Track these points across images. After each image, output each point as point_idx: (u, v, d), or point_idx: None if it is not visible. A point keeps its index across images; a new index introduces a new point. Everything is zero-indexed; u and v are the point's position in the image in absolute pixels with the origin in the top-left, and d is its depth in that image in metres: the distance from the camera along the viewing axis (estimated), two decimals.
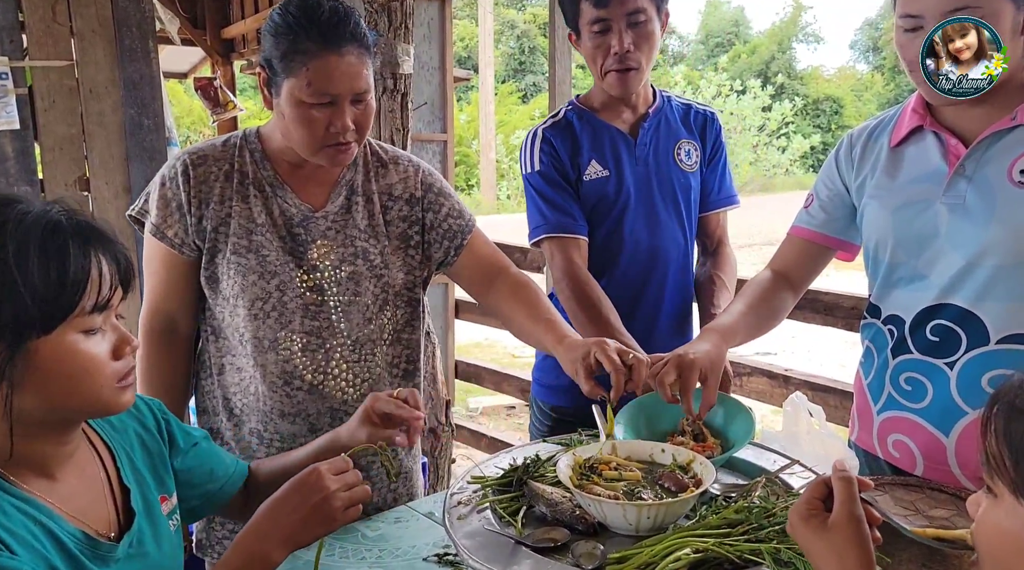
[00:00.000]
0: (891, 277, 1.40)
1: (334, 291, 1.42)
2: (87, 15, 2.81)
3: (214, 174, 1.40)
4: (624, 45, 1.62)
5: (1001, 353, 1.27)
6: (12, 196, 0.86)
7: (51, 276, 0.81)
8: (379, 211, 1.47)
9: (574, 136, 1.75)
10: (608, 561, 1.06)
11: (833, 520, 0.86)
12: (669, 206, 1.77)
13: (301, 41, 1.28)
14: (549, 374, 1.85)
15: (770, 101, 19.87)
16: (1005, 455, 0.70)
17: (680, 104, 1.85)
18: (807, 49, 43.72)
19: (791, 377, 2.35)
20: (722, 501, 1.21)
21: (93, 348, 0.86)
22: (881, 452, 1.44)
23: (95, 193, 2.89)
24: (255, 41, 4.42)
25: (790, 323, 2.47)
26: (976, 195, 1.28)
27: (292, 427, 1.43)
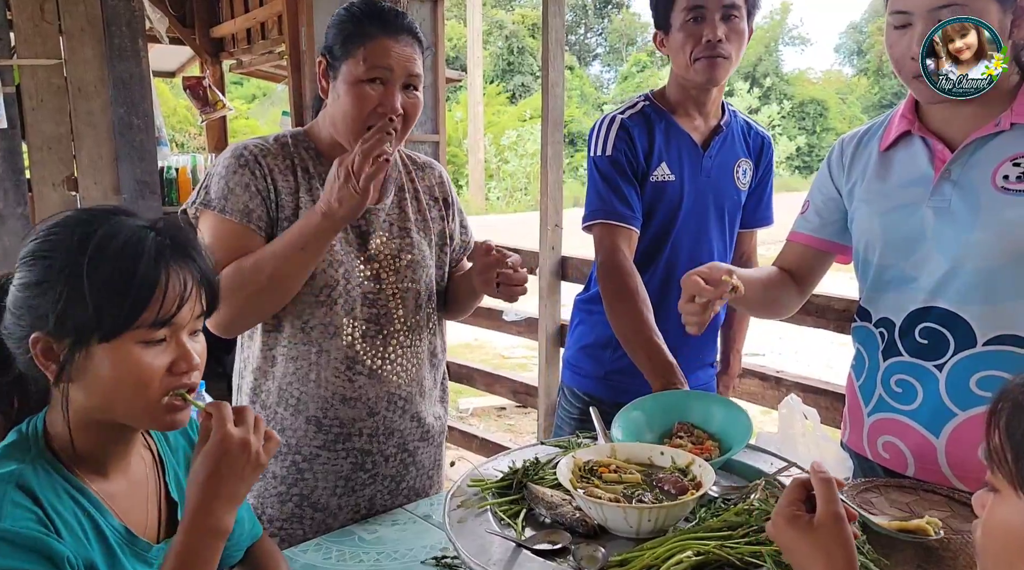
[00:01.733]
0: (880, 280, 1.42)
1: (392, 280, 1.50)
2: (76, 13, 2.78)
3: (279, 167, 1.44)
4: (718, 34, 1.65)
5: (988, 355, 1.29)
6: (121, 208, 0.93)
7: (116, 288, 0.86)
8: (425, 209, 1.58)
9: (651, 132, 1.76)
10: (610, 564, 1.06)
11: (818, 520, 0.88)
12: (718, 220, 1.82)
13: (363, 26, 1.39)
14: (585, 363, 1.89)
15: (758, 103, 19.97)
16: (1007, 450, 0.71)
17: (743, 122, 1.89)
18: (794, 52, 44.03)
19: (783, 379, 2.35)
20: (721, 503, 1.21)
21: (148, 359, 0.89)
22: (871, 454, 1.45)
23: (83, 193, 2.87)
24: (244, 40, 4.39)
25: (779, 324, 2.49)
26: (961, 199, 1.30)
27: (352, 412, 1.48)
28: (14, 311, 0.89)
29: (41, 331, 0.87)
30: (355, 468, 1.50)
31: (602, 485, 1.21)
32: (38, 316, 0.87)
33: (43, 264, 0.87)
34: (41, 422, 0.92)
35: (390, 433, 1.51)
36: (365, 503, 1.52)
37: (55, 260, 0.87)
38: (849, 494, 1.27)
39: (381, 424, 1.50)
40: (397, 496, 1.56)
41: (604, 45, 33.67)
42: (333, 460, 1.48)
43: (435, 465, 1.63)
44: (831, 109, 25.66)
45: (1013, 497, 0.70)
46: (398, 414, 1.52)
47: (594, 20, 31.45)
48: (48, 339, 0.87)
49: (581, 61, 27.84)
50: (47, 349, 0.87)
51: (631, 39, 33.39)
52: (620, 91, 27.15)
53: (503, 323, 3.24)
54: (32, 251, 0.89)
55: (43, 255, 0.88)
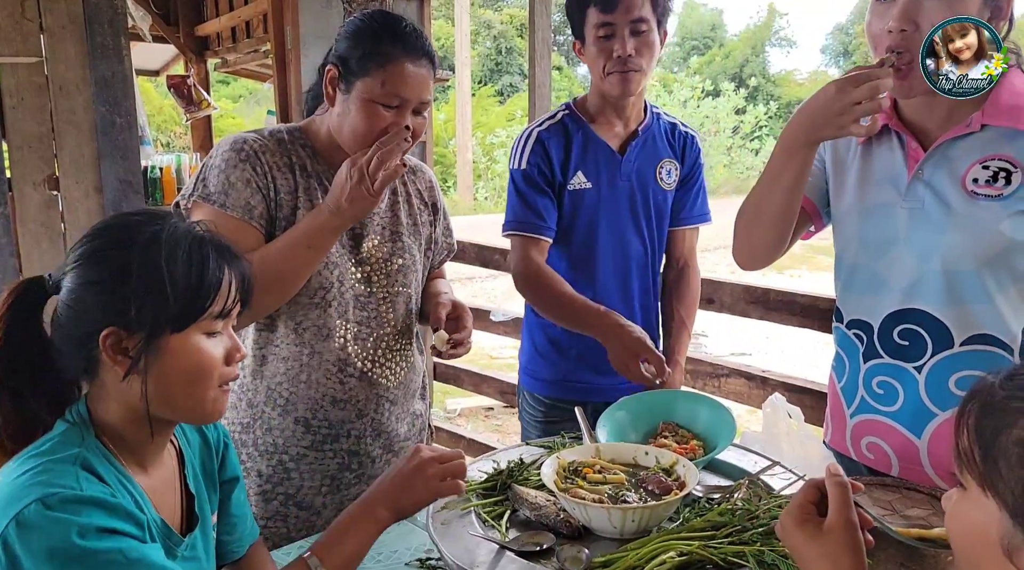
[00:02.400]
0: (851, 280, 1.41)
1: (383, 283, 1.50)
2: (57, 11, 2.75)
3: (277, 165, 1.42)
4: (627, 49, 1.69)
5: (966, 355, 1.29)
6: (162, 211, 0.99)
7: (192, 280, 0.92)
8: (416, 213, 1.59)
9: (567, 142, 1.82)
10: (593, 565, 1.06)
11: (828, 525, 0.86)
12: (643, 222, 1.86)
13: (383, 44, 1.36)
14: (540, 368, 1.93)
15: (744, 104, 20.08)
16: (975, 449, 0.71)
17: (667, 122, 1.92)
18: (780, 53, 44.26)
19: (768, 378, 2.37)
20: (705, 503, 1.21)
21: (212, 349, 0.95)
22: (855, 454, 1.45)
23: (64, 192, 2.83)
24: (229, 39, 4.35)
25: (765, 324, 2.50)
26: (934, 200, 1.29)
27: (341, 413, 1.48)
28: (76, 308, 0.92)
29: (113, 325, 0.90)
30: (341, 468, 1.50)
31: (586, 486, 1.21)
32: (112, 311, 0.90)
33: (114, 260, 0.91)
34: (86, 412, 0.95)
35: (378, 434, 1.52)
36: (350, 502, 1.51)
37: (128, 256, 0.91)
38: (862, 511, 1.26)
39: (369, 426, 1.50)
40: None
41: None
42: (320, 460, 1.48)
43: None
44: None
45: (981, 496, 0.70)
46: (386, 415, 1.52)
47: None
48: (120, 333, 0.91)
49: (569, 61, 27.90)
50: (116, 344, 0.91)
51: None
52: None
53: (490, 323, 3.24)
54: (95, 250, 0.93)
55: (112, 252, 0.92)
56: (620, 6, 1.67)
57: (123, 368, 0.91)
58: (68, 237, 2.86)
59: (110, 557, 0.82)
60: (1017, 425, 0.68)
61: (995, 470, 0.69)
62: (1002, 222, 1.23)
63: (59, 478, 0.85)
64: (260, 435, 1.47)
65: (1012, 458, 0.67)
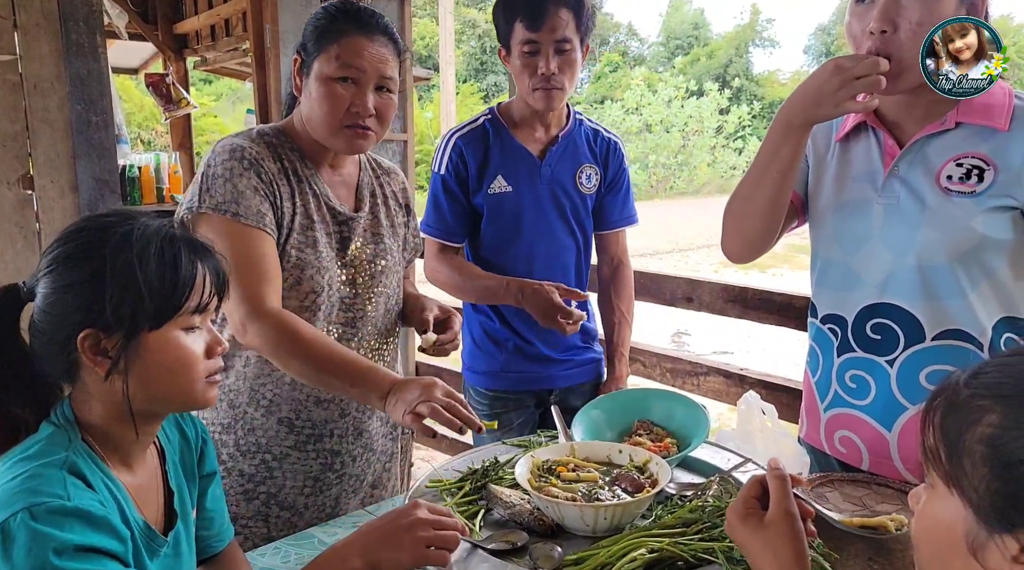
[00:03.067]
0: (826, 275, 1.43)
1: (367, 284, 1.50)
2: (31, 8, 2.72)
3: (274, 171, 1.41)
4: (551, 68, 1.76)
5: (937, 349, 1.31)
6: (132, 211, 1.00)
7: (165, 277, 0.93)
8: (393, 213, 1.60)
9: (487, 148, 1.89)
10: (565, 562, 1.06)
11: (769, 517, 0.89)
12: (565, 224, 1.92)
13: (337, 23, 1.37)
14: (479, 361, 2.00)
15: (728, 104, 20.19)
16: (940, 448, 0.72)
17: (590, 129, 1.99)
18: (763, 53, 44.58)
19: (746, 376, 2.38)
20: (678, 500, 1.22)
21: (191, 344, 0.96)
22: (828, 448, 1.47)
23: (39, 192, 2.80)
24: (209, 37, 4.32)
25: (745, 323, 2.51)
26: (909, 197, 1.31)
27: (325, 413, 1.48)
28: (53, 313, 0.92)
29: (91, 327, 0.91)
30: (324, 468, 1.50)
31: (560, 484, 1.21)
32: (88, 312, 0.91)
33: (87, 263, 0.92)
34: (71, 413, 0.95)
35: (359, 433, 1.53)
36: (331, 502, 1.53)
37: (101, 257, 0.91)
38: (804, 489, 1.28)
39: (351, 424, 1.51)
40: (359, 493, 1.58)
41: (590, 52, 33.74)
42: (303, 460, 1.48)
43: (391, 457, 1.66)
44: None
45: (946, 494, 0.71)
46: (367, 414, 1.53)
47: None
48: (98, 334, 0.91)
49: None
50: (95, 345, 0.92)
51: (603, 39, 33.51)
52: (593, 90, 27.25)
53: None
54: (68, 254, 0.93)
55: (85, 255, 0.92)
56: (545, 26, 1.73)
57: (103, 369, 0.92)
58: (43, 237, 2.83)
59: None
60: (981, 423, 0.68)
61: (960, 468, 0.69)
62: (975, 218, 1.25)
63: (47, 485, 0.85)
64: (242, 435, 1.46)
65: (976, 456, 0.68)
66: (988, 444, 0.67)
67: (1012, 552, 0.66)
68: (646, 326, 6.54)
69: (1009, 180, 1.24)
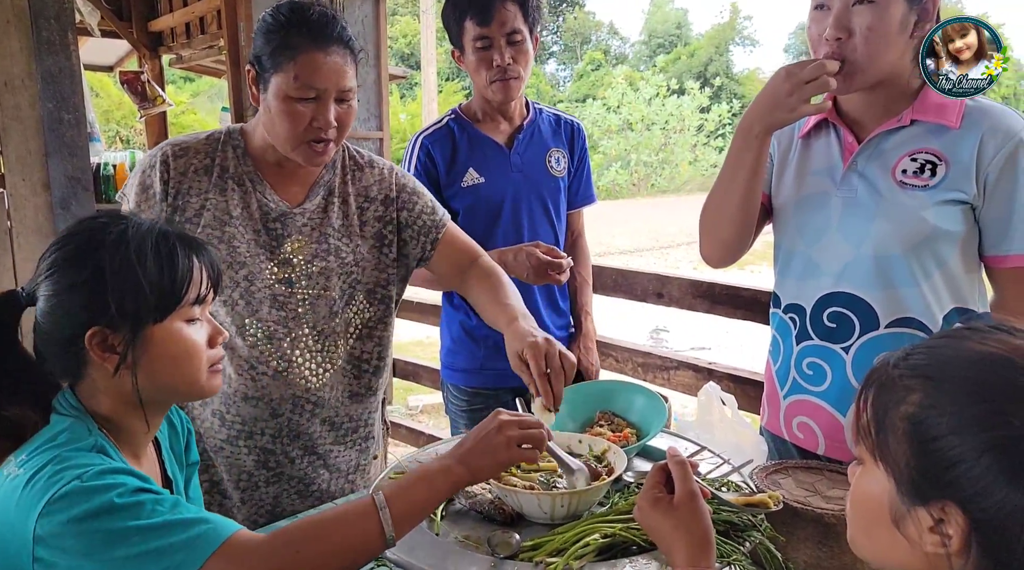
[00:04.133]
0: (788, 266, 1.48)
1: (303, 284, 1.47)
2: (1, 5, 2.71)
3: (193, 166, 1.44)
4: (505, 59, 1.83)
5: (890, 336, 1.36)
6: (122, 213, 1.06)
7: (164, 272, 0.98)
8: (355, 212, 1.54)
9: (454, 145, 1.94)
10: (523, 549, 1.09)
11: (677, 499, 0.95)
12: (540, 208, 1.98)
13: (291, 37, 1.35)
14: (459, 358, 2.03)
15: (708, 102, 20.33)
16: (871, 424, 0.76)
17: (550, 115, 2.06)
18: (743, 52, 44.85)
19: (714, 370, 2.42)
20: (635, 488, 1.25)
21: (194, 335, 1.01)
22: (788, 434, 1.52)
23: (11, 190, 2.79)
24: (184, 35, 4.30)
25: (718, 318, 2.55)
26: (866, 189, 1.37)
27: (254, 411, 1.47)
28: (58, 314, 0.96)
29: (97, 325, 0.95)
30: (257, 465, 1.49)
31: (519, 474, 1.24)
32: (93, 311, 0.95)
33: (87, 263, 0.96)
34: (78, 404, 0.98)
35: (295, 435, 1.49)
36: (269, 501, 1.51)
37: (99, 257, 0.95)
38: (760, 475, 1.32)
39: (285, 425, 1.48)
40: (307, 498, 1.54)
41: (559, 43, 33.84)
42: (236, 455, 1.48)
43: (356, 468, 1.59)
44: None
45: (874, 468, 0.75)
46: (306, 417, 1.49)
47: (549, 19, 31.57)
48: (104, 331, 0.95)
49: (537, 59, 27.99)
50: (102, 341, 0.96)
51: (585, 37, 33.62)
52: (576, 88, 27.32)
53: None
54: (67, 256, 0.97)
55: (83, 256, 0.96)
56: (495, 20, 1.79)
57: (112, 364, 0.96)
58: (15, 235, 2.82)
59: (152, 506, 0.88)
60: (906, 401, 0.72)
61: (885, 443, 0.73)
62: (927, 210, 1.31)
63: (85, 459, 0.91)
64: None
65: (899, 432, 0.72)
66: (909, 421, 0.71)
67: (927, 524, 0.70)
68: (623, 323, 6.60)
69: (959, 175, 1.29)
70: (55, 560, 0.84)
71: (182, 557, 0.85)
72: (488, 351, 1.97)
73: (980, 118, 1.30)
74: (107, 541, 0.84)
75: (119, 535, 0.85)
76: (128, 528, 0.85)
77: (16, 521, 0.87)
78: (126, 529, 0.85)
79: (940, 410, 0.70)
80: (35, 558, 0.85)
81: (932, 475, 0.69)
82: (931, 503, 0.70)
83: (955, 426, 0.68)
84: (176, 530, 0.87)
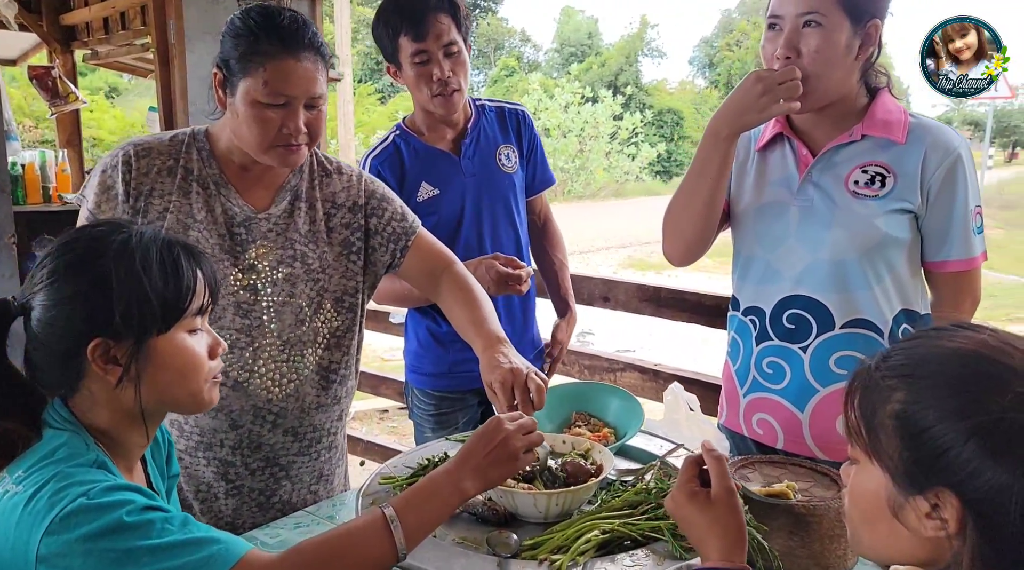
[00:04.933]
0: (747, 271, 1.58)
1: (268, 292, 1.43)
2: None
3: (156, 167, 1.41)
4: (445, 72, 1.82)
5: (845, 336, 1.47)
6: (122, 220, 1.05)
7: (169, 282, 0.96)
8: (321, 218, 1.51)
9: (402, 163, 1.93)
10: (523, 547, 1.12)
11: (715, 495, 0.98)
12: (500, 208, 1.98)
13: (261, 43, 1.32)
14: (425, 363, 2.02)
15: (621, 110, 20.89)
16: (860, 425, 0.82)
17: (493, 109, 2.04)
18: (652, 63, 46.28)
19: (660, 371, 2.52)
20: (619, 485, 1.30)
21: (196, 346, 1.00)
22: (747, 431, 1.61)
23: None
24: (101, 30, 4.10)
25: (649, 320, 2.65)
26: (821, 199, 1.48)
27: (213, 422, 1.43)
28: (57, 324, 0.94)
29: (100, 336, 0.93)
30: (217, 477, 1.46)
31: None
32: (95, 321, 0.93)
33: (89, 272, 0.93)
34: (70, 417, 0.96)
35: (256, 447, 1.46)
36: (229, 513, 1.48)
37: (103, 266, 0.93)
38: (728, 471, 1.40)
39: (246, 437, 1.44)
40: (268, 510, 1.50)
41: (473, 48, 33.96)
42: (194, 466, 1.45)
43: (318, 478, 1.56)
44: (687, 118, 27.26)
45: (869, 465, 0.82)
46: (267, 428, 1.45)
47: None
48: (107, 343, 0.93)
49: None
50: (105, 353, 0.94)
51: (499, 44, 33.88)
52: (490, 93, 27.45)
53: (389, 325, 3.24)
54: (67, 265, 0.94)
55: (85, 265, 0.94)
56: (431, 34, 1.79)
57: (114, 376, 0.94)
58: None
59: (162, 525, 0.87)
60: (891, 400, 0.79)
61: (877, 441, 0.80)
62: (878, 218, 1.42)
63: (88, 475, 0.88)
64: None
65: (889, 429, 0.79)
66: (897, 418, 0.78)
67: (924, 510, 0.77)
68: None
69: (906, 186, 1.42)
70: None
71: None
72: (456, 354, 1.97)
73: (923, 134, 1.42)
74: (117, 561, 0.83)
75: (129, 555, 0.83)
76: (139, 548, 0.84)
77: (17, 540, 0.84)
78: (137, 549, 0.83)
79: (924, 404, 0.76)
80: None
81: (924, 464, 0.76)
82: (926, 491, 0.76)
83: (940, 417, 0.75)
84: (188, 550, 0.86)
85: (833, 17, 1.37)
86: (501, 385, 1.28)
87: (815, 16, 1.38)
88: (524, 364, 1.32)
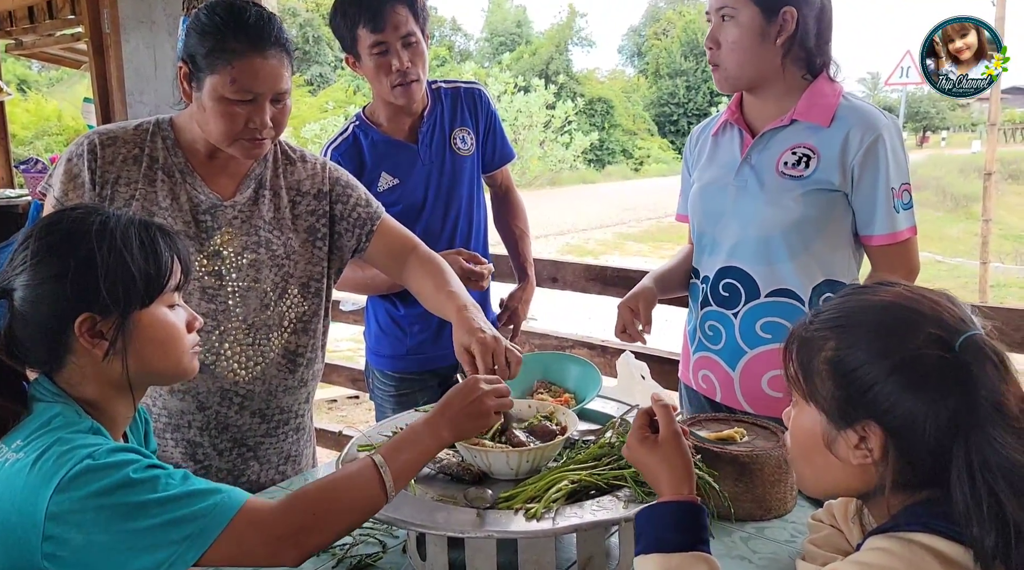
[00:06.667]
0: (700, 243, 1.74)
1: (233, 277, 1.47)
2: None
3: (122, 156, 1.44)
4: (404, 63, 1.85)
5: (769, 304, 1.63)
6: (96, 205, 1.12)
7: (149, 259, 1.02)
8: (286, 205, 1.55)
9: (361, 154, 1.97)
10: (498, 499, 1.22)
11: (661, 437, 1.09)
12: (458, 192, 2.03)
13: (228, 40, 1.35)
14: (384, 345, 2.08)
15: (553, 99, 21.06)
16: (799, 372, 0.95)
17: (448, 90, 2.06)
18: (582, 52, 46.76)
19: (607, 347, 2.65)
20: (582, 443, 1.41)
21: (175, 319, 1.07)
22: (695, 385, 1.79)
23: None
24: (26, 19, 3.96)
25: (592, 302, 2.77)
26: (755, 179, 1.62)
27: (180, 404, 1.46)
28: (43, 302, 0.98)
29: (87, 311, 0.98)
30: (185, 457, 1.49)
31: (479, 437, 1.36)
32: (82, 298, 0.98)
33: (74, 252, 0.98)
34: (58, 391, 1.00)
35: (223, 428, 1.50)
36: None
37: (87, 246, 0.99)
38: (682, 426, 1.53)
39: (213, 418, 1.48)
40: None
41: None
42: (163, 447, 1.48)
43: (286, 459, 1.61)
44: (617, 107, 27.69)
45: (806, 407, 0.95)
46: (234, 410, 1.49)
47: None
48: (94, 318, 0.99)
49: None
50: (92, 328, 0.99)
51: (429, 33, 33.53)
52: None
53: (339, 312, 3.28)
54: (51, 245, 0.99)
55: (69, 245, 0.99)
56: (388, 25, 1.83)
57: (101, 350, 1.00)
58: None
59: (166, 480, 0.92)
60: (824, 348, 0.92)
61: (813, 385, 0.93)
62: (799, 197, 1.57)
63: (89, 439, 0.94)
64: None
65: (823, 374, 0.92)
66: (830, 363, 0.91)
67: (853, 442, 0.90)
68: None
69: (828, 166, 1.56)
70: (69, 536, 0.86)
71: (202, 524, 0.91)
72: (414, 337, 2.04)
73: (848, 116, 1.56)
74: (127, 514, 0.88)
75: (138, 507, 0.89)
76: (147, 500, 0.89)
77: (24, 503, 0.88)
78: (145, 502, 0.89)
79: (853, 348, 0.89)
80: (45, 537, 0.86)
81: (853, 400, 0.89)
82: (855, 424, 0.89)
83: (866, 358, 0.88)
84: (194, 500, 0.92)
85: (744, 10, 1.53)
86: (481, 349, 1.33)
87: (727, 10, 1.55)
88: (499, 335, 1.38)
